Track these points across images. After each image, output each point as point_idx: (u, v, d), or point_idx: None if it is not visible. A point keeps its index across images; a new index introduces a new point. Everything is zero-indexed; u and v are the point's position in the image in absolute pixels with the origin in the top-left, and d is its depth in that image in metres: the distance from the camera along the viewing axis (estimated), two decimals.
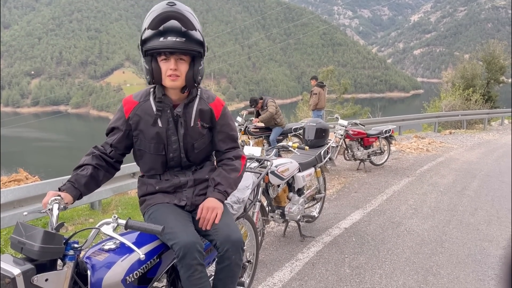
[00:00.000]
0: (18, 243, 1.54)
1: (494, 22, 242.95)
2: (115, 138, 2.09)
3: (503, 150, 11.46)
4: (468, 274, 3.69)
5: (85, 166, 2.02)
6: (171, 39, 1.90)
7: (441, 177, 7.72)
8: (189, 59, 2.00)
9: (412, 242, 4.41)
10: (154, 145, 2.08)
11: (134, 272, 1.79)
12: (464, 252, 4.20)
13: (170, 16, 1.90)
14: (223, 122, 2.18)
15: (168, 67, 1.96)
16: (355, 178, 7.47)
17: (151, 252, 1.90)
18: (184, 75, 1.99)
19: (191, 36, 1.96)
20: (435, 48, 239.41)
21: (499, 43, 25.01)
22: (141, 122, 2.06)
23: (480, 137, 14.07)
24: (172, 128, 2.07)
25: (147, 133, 2.07)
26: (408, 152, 10.48)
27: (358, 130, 7.98)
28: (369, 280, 3.50)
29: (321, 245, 4.18)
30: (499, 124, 19.37)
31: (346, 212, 5.37)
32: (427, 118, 15.77)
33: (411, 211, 5.54)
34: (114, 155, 2.11)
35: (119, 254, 1.78)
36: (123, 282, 1.74)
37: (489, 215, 5.48)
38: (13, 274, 1.44)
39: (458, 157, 9.99)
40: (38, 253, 1.51)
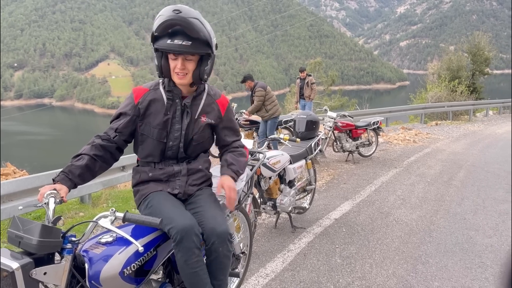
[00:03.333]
0: (16, 237, 1.55)
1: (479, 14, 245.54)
2: (122, 123, 2.13)
3: (488, 141, 11.67)
4: (456, 263, 3.77)
5: (82, 155, 2.02)
6: (178, 42, 1.96)
7: (428, 167, 7.83)
8: (197, 58, 2.06)
9: (401, 231, 4.49)
10: (158, 131, 2.12)
11: (132, 264, 1.80)
12: (452, 241, 4.28)
13: (175, 24, 1.95)
14: (227, 117, 2.29)
15: (175, 65, 2.04)
16: (344, 169, 7.54)
17: (147, 245, 1.91)
18: (191, 73, 2.07)
19: (198, 38, 2.00)
20: (421, 40, 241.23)
21: (484, 35, 25.28)
22: (150, 107, 2.13)
23: (466, 129, 14.29)
24: (178, 117, 2.15)
25: (154, 119, 2.12)
26: (395, 143, 10.59)
27: (347, 122, 8.03)
28: (360, 269, 3.56)
29: (312, 236, 4.23)
30: (484, 115, 19.69)
31: (336, 203, 5.43)
32: (414, 110, 15.94)
33: (399, 201, 5.63)
34: (118, 140, 2.12)
35: (116, 247, 1.79)
36: (120, 274, 1.75)
37: (475, 204, 5.59)
38: (12, 268, 1.45)
39: (444, 148, 10.14)
40: (36, 247, 1.51)
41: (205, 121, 2.20)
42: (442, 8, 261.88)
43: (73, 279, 1.67)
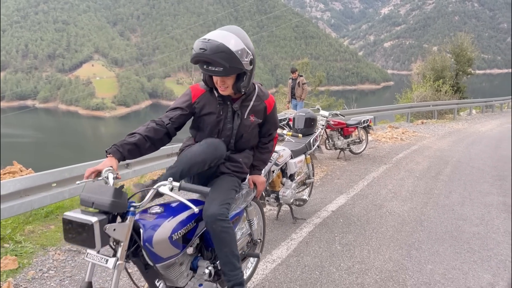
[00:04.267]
0: (89, 199, 1.85)
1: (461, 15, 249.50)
2: (176, 115, 2.39)
3: (472, 138, 12.10)
4: (447, 248, 4.07)
5: (136, 134, 2.25)
6: (211, 68, 2.19)
7: (416, 163, 8.17)
8: (235, 75, 2.29)
9: (394, 221, 4.78)
10: (210, 128, 2.44)
11: (178, 231, 2.12)
12: (442, 229, 4.59)
13: (201, 61, 2.19)
14: (272, 115, 2.60)
15: (216, 81, 2.32)
16: (336, 166, 7.82)
17: (190, 217, 2.23)
18: (231, 87, 2.32)
19: (229, 65, 2.19)
20: (405, 40, 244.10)
21: (467, 36, 25.94)
22: (205, 108, 2.43)
23: (451, 127, 14.74)
24: (229, 118, 2.44)
25: (208, 118, 2.42)
26: (384, 141, 10.93)
27: (338, 121, 8.32)
28: (359, 255, 3.83)
29: (312, 226, 4.49)
30: (468, 114, 20.26)
31: (331, 196, 5.71)
32: (400, 109, 16.33)
33: (391, 194, 5.93)
34: (170, 128, 2.36)
35: (165, 217, 2.12)
36: (169, 239, 2.07)
37: (462, 197, 5.92)
38: (91, 222, 1.75)
39: (430, 145, 10.51)
40: (109, 206, 1.81)
41: (254, 121, 2.50)
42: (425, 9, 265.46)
43: (130, 241, 1.94)
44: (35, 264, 3.48)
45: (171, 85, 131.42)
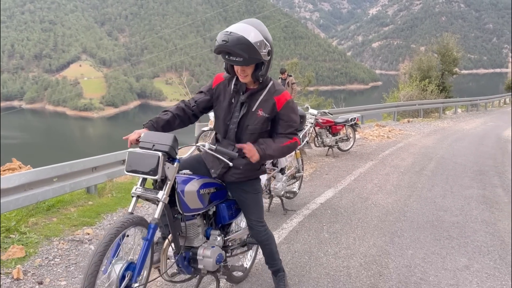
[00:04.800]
0: (149, 143, 2.30)
1: (447, 15, 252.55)
2: (200, 98, 2.74)
3: (456, 136, 12.50)
4: (427, 236, 4.36)
5: (168, 112, 2.63)
6: (233, 58, 2.42)
7: (401, 160, 8.49)
8: (254, 65, 2.51)
9: (378, 212, 5.06)
10: (224, 114, 2.69)
11: (204, 189, 2.58)
12: (423, 219, 4.88)
13: (223, 51, 2.42)
14: (283, 112, 2.65)
15: (237, 69, 2.55)
16: (325, 162, 8.10)
17: (213, 183, 2.70)
18: (250, 75, 2.54)
19: (249, 55, 2.40)
20: (393, 41, 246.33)
21: (452, 36, 26.50)
22: (221, 94, 2.71)
23: (436, 125, 15.15)
24: (238, 107, 2.67)
25: (222, 103, 2.70)
26: (371, 139, 11.26)
27: (327, 119, 8.60)
28: (345, 241, 4.10)
29: (302, 217, 4.76)
30: (453, 113, 20.75)
31: (320, 190, 5.98)
32: (387, 108, 16.72)
33: (376, 188, 6.22)
34: (195, 109, 2.71)
35: (195, 177, 2.59)
36: (197, 192, 2.52)
37: (444, 190, 6.24)
38: (158, 155, 2.23)
39: (416, 143, 10.87)
40: (169, 148, 2.27)
41: (261, 115, 2.63)
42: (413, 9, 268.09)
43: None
44: (41, 253, 3.69)
45: (160, 85, 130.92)
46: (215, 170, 2.74)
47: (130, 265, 2.21)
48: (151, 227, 2.27)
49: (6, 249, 3.62)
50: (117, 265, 2.18)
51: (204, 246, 2.66)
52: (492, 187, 6.54)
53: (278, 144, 2.63)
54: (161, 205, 2.31)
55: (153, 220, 2.28)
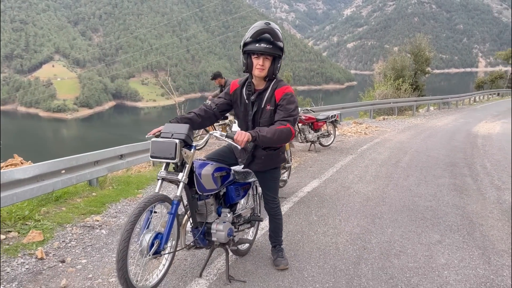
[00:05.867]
0: (169, 132, 2.72)
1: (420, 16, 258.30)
2: (220, 101, 3.20)
3: (429, 132, 13.20)
4: (404, 217, 4.87)
5: (192, 112, 3.09)
6: (263, 45, 2.90)
7: (378, 153, 9.05)
8: (272, 59, 2.99)
9: (360, 199, 5.56)
10: (241, 113, 3.18)
11: (218, 172, 3.02)
12: (400, 204, 5.40)
13: (266, 31, 2.91)
14: (281, 103, 3.02)
15: (257, 63, 2.97)
16: (308, 157, 8.58)
17: (224, 167, 3.14)
18: (267, 69, 2.99)
19: (275, 44, 2.94)
20: (367, 41, 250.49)
21: (424, 37, 27.52)
22: (238, 98, 3.19)
23: (410, 122, 15.88)
24: (250, 106, 3.12)
25: (239, 105, 3.15)
26: (349, 135, 11.83)
27: (309, 116, 9.08)
28: (332, 223, 4.57)
29: (292, 203, 5.21)
30: (426, 110, 21.62)
31: (306, 181, 6.45)
32: (363, 106, 17.38)
33: (357, 178, 6.73)
34: (215, 111, 3.17)
35: (209, 162, 3.03)
36: (212, 175, 2.94)
37: (418, 179, 6.80)
38: (175, 142, 2.64)
39: (391, 138, 11.49)
40: (185, 136, 2.69)
41: (269, 109, 3.06)
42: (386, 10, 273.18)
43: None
44: (57, 237, 4.02)
45: (136, 85, 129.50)
46: (242, 160, 3.22)
47: (158, 235, 2.64)
48: (174, 203, 2.71)
49: (25, 234, 3.94)
50: (147, 235, 2.62)
51: (216, 221, 3.08)
52: (462, 177, 7.13)
53: (272, 127, 2.91)
54: (182, 185, 2.75)
55: (176, 197, 2.72)
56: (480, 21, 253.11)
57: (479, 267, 3.65)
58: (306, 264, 3.55)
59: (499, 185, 6.63)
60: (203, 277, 3.24)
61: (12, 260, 3.49)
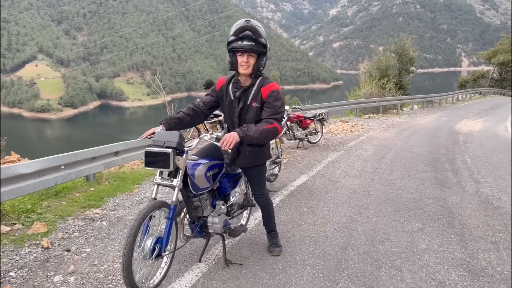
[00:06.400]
0: (160, 141, 2.81)
1: (404, 16, 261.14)
2: (207, 99, 3.31)
3: (413, 129, 13.60)
4: (388, 208, 5.17)
5: (181, 112, 3.21)
6: (246, 43, 3.01)
7: (364, 150, 9.37)
8: (256, 56, 3.09)
9: (347, 192, 5.85)
10: (228, 110, 3.30)
11: (210, 171, 3.14)
12: (384, 196, 5.70)
13: (246, 29, 3.02)
14: (268, 101, 3.11)
15: (242, 60, 3.07)
16: (297, 153, 8.86)
17: (216, 165, 3.23)
18: (252, 66, 3.08)
19: (258, 41, 3.03)
20: (352, 41, 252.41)
21: (409, 37, 28.06)
22: (224, 94, 3.29)
23: (394, 120, 16.29)
24: (236, 102, 3.22)
25: (225, 101, 3.29)
26: (336, 133, 12.15)
27: (297, 114, 9.35)
28: (321, 213, 4.85)
29: (283, 196, 5.48)
30: (410, 109, 22.11)
31: (295, 176, 6.72)
32: (349, 105, 17.74)
33: (344, 173, 7.02)
34: (203, 108, 3.28)
35: (201, 162, 3.11)
36: (205, 175, 3.07)
37: (402, 174, 7.12)
38: (168, 152, 2.75)
39: (376, 136, 11.84)
40: (176, 144, 2.78)
41: (255, 106, 3.13)
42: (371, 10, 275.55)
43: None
44: (60, 229, 4.21)
45: (121, 85, 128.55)
46: (227, 156, 3.30)
47: (158, 239, 2.83)
48: (171, 208, 2.86)
49: (29, 226, 4.13)
50: (148, 240, 2.79)
51: (212, 214, 3.25)
52: (443, 171, 7.47)
53: (258, 127, 2.99)
54: (177, 190, 2.89)
55: (172, 203, 2.88)
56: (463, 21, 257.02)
57: (456, 251, 3.95)
58: (298, 249, 3.82)
59: (478, 178, 6.99)
60: (202, 262, 3.48)
61: (20, 249, 3.68)
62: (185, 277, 3.23)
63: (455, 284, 3.32)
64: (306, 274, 3.38)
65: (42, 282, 3.17)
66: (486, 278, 3.45)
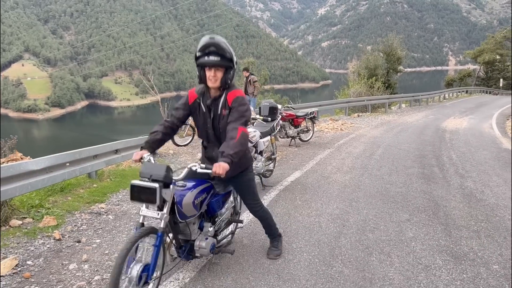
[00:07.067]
0: (147, 173, 2.75)
1: (392, 15, 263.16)
2: (180, 114, 3.30)
3: (401, 127, 13.97)
4: (377, 201, 5.48)
5: (157, 132, 3.20)
6: (212, 58, 3.04)
7: (354, 147, 9.70)
8: (224, 70, 3.12)
9: (338, 186, 6.15)
10: (201, 122, 3.31)
11: (198, 198, 3.08)
12: (374, 190, 6.01)
13: (211, 45, 3.09)
14: (234, 105, 3.17)
15: (210, 74, 3.10)
16: (289, 151, 9.15)
17: (203, 190, 3.18)
18: (219, 80, 3.13)
19: (224, 56, 3.05)
20: (341, 40, 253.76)
21: (396, 36, 28.54)
22: (196, 108, 3.29)
23: (382, 119, 16.67)
24: (208, 114, 3.25)
25: (198, 115, 3.30)
26: (326, 131, 12.48)
27: (289, 113, 9.63)
28: (315, 206, 5.14)
29: (278, 191, 5.76)
30: (398, 107, 22.55)
31: (289, 172, 7.01)
32: (339, 104, 18.10)
33: (335, 169, 7.32)
34: (177, 123, 3.30)
35: (189, 189, 3.04)
36: (193, 203, 3.02)
37: (390, 169, 7.44)
38: (155, 187, 2.69)
39: (365, 134, 12.18)
40: (164, 177, 2.73)
41: (225, 114, 3.18)
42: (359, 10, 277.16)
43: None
44: (69, 222, 4.44)
45: (109, 84, 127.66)
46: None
47: (145, 268, 2.73)
48: (159, 235, 2.80)
49: (39, 220, 4.36)
50: (135, 266, 2.71)
51: (199, 238, 3.22)
52: (430, 167, 7.82)
53: (232, 141, 3.00)
54: (164, 221, 2.84)
55: (160, 230, 2.82)
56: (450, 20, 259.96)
57: (441, 238, 4.27)
58: (294, 238, 4.10)
59: (462, 173, 7.34)
60: None
61: (33, 241, 3.91)
62: (192, 263, 3.49)
63: (439, 267, 3.63)
64: (303, 259, 3.66)
65: (59, 270, 3.41)
66: (468, 262, 3.76)
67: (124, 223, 4.52)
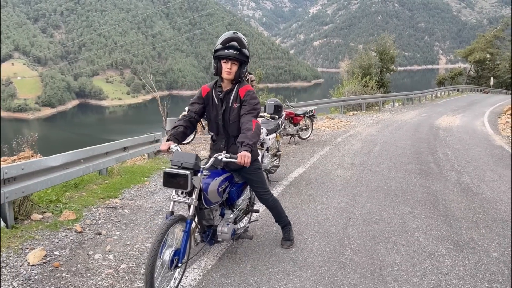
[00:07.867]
0: (178, 161, 3.00)
1: (383, 14, 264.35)
2: (196, 108, 3.52)
3: (395, 125, 14.27)
4: (379, 195, 5.72)
5: (179, 126, 3.43)
6: (231, 51, 3.37)
7: (352, 145, 9.95)
8: (239, 64, 3.39)
9: (341, 181, 6.38)
10: (212, 114, 3.52)
11: (221, 185, 3.32)
12: (375, 185, 6.26)
13: (233, 39, 3.39)
14: (245, 99, 3.41)
15: (226, 67, 3.39)
16: (289, 149, 9.37)
17: (226, 178, 3.43)
18: (234, 73, 3.39)
19: (242, 52, 3.37)
20: (333, 39, 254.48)
21: (389, 36, 28.89)
22: (209, 100, 3.52)
23: (377, 117, 16.97)
24: (220, 106, 3.48)
25: (210, 107, 3.53)
26: (324, 129, 12.73)
27: (289, 111, 9.84)
28: (320, 200, 5.36)
29: (283, 186, 5.98)
30: (391, 106, 22.90)
31: (292, 168, 7.23)
32: (335, 103, 18.38)
33: (336, 166, 7.56)
34: (197, 118, 3.53)
35: (213, 177, 3.27)
36: (217, 190, 3.26)
37: (389, 165, 7.70)
38: (186, 174, 2.94)
39: (362, 131, 12.45)
40: (194, 165, 2.99)
41: (236, 107, 3.39)
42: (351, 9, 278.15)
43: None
44: (87, 216, 4.62)
45: (100, 83, 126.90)
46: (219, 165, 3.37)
47: (176, 252, 2.97)
48: (188, 222, 3.04)
49: (58, 214, 4.54)
50: (167, 251, 2.93)
51: (221, 224, 3.46)
52: (427, 163, 8.08)
53: (250, 132, 3.24)
54: (193, 207, 3.07)
55: (189, 217, 3.05)
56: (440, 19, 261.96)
57: (442, 229, 4.52)
58: (304, 230, 4.32)
59: (458, 169, 7.62)
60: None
61: (56, 234, 4.09)
62: (211, 252, 3.69)
63: (442, 255, 3.87)
64: (315, 248, 3.88)
65: (85, 259, 3.60)
66: (469, 250, 4.01)
67: (140, 216, 4.71)
